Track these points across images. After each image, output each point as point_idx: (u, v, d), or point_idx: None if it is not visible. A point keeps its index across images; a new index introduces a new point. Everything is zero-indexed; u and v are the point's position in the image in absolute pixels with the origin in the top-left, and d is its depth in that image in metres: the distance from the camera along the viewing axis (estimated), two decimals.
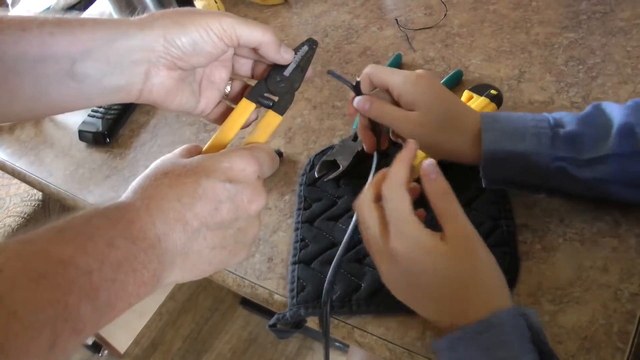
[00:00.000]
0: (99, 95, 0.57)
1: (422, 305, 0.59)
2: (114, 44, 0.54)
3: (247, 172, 0.53)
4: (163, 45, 0.56)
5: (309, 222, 0.80)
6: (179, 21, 0.56)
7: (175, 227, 0.48)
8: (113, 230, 0.44)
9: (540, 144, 0.63)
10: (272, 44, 0.60)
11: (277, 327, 0.72)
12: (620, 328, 0.60)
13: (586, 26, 0.94)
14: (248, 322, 2.12)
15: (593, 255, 0.66)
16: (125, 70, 0.56)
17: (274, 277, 0.77)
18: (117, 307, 0.44)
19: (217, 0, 1.30)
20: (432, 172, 0.58)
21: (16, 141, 1.25)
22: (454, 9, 1.09)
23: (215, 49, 0.58)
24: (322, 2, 1.26)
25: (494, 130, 0.65)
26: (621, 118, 0.62)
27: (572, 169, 0.63)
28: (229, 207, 0.51)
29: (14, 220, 1.59)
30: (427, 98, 0.68)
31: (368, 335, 0.68)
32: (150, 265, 0.46)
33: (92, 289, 0.41)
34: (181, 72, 0.60)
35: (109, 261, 0.43)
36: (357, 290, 0.70)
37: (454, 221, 0.56)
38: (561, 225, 0.69)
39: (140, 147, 1.09)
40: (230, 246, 0.53)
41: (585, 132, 0.63)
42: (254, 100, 0.63)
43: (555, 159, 0.63)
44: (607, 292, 0.62)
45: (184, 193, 0.49)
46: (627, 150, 0.61)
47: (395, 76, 0.70)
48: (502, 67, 0.93)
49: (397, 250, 0.56)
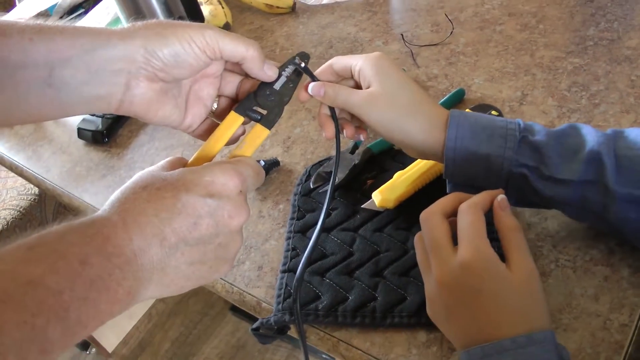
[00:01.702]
0: (77, 104, 0.56)
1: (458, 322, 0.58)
2: (94, 53, 0.54)
3: (229, 187, 0.52)
4: (144, 56, 0.55)
5: (301, 232, 0.80)
6: (160, 32, 0.56)
7: (152, 243, 0.47)
8: (87, 247, 0.44)
9: (506, 147, 0.62)
10: (255, 59, 0.60)
11: (260, 332, 0.72)
12: (607, 358, 0.59)
13: (592, 52, 0.94)
14: (237, 328, 2.11)
15: (584, 283, 0.65)
16: (105, 80, 0.55)
17: (262, 286, 0.77)
18: (89, 325, 0.43)
19: (225, 7, 1.30)
20: (507, 207, 0.59)
21: (15, 136, 1.25)
22: (461, 27, 1.09)
23: (197, 61, 0.58)
24: (329, 13, 1.26)
25: (461, 127, 0.63)
26: (593, 145, 0.61)
27: (534, 179, 0.62)
28: (209, 223, 0.50)
29: (9, 214, 1.59)
30: (387, 74, 0.65)
31: (353, 349, 0.67)
32: (125, 282, 0.45)
33: (63, 308, 0.40)
34: (163, 85, 0.59)
35: (81, 279, 0.42)
36: (344, 301, 0.70)
37: (522, 255, 0.56)
38: (554, 251, 0.69)
39: (138, 148, 1.09)
40: (210, 261, 0.53)
41: (552, 146, 0.62)
42: (242, 113, 0.62)
43: (519, 165, 0.62)
44: (596, 321, 0.62)
45: (162, 208, 0.48)
46: (590, 179, 0.60)
47: (356, 57, 0.67)
48: (504, 88, 0.93)
49: (466, 263, 0.55)
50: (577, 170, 0.60)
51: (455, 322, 0.57)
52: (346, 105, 0.66)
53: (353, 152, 0.86)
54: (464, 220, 0.57)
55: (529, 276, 0.55)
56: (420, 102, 0.65)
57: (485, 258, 0.55)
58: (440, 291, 0.57)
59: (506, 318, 0.54)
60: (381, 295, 0.69)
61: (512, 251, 0.56)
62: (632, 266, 0.65)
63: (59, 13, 1.57)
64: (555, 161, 0.61)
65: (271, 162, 0.91)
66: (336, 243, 0.77)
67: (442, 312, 0.59)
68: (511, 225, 0.58)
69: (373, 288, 0.70)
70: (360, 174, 0.85)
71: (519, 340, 0.52)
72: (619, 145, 0.61)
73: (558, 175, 0.61)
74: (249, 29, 1.31)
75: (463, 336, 0.57)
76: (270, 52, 1.20)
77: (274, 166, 0.92)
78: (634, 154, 0.59)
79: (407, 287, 0.69)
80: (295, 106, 1.03)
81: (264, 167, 0.90)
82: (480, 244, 0.55)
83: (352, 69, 0.67)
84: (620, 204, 0.59)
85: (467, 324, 0.56)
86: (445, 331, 0.60)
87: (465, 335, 0.56)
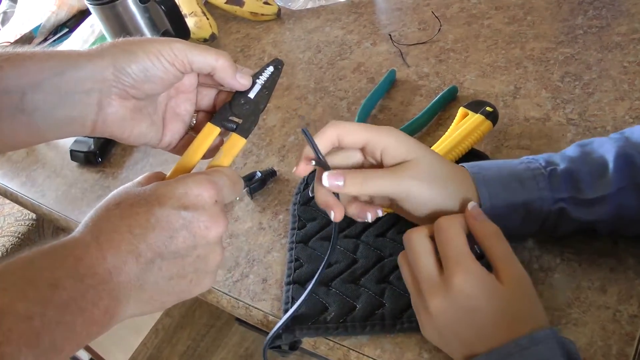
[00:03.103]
0: (51, 128, 0.56)
1: (457, 338, 0.56)
2: (64, 75, 0.53)
3: (204, 198, 0.52)
4: (113, 74, 0.55)
5: (303, 242, 0.79)
6: (128, 49, 0.56)
7: (127, 260, 0.47)
8: (57, 270, 0.43)
9: (539, 188, 0.61)
10: (227, 68, 0.59)
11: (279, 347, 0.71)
12: (618, 350, 0.59)
13: (582, 41, 0.94)
14: (244, 338, 2.11)
15: (591, 276, 0.65)
16: (77, 101, 0.55)
17: (268, 299, 0.76)
18: (65, 349, 0.42)
19: (210, 18, 1.30)
20: (479, 214, 0.57)
21: (8, 162, 1.24)
22: (448, 24, 1.08)
23: (167, 75, 0.57)
24: (314, 17, 1.26)
25: (489, 183, 0.61)
26: (617, 151, 0.60)
27: (572, 209, 0.60)
28: (185, 235, 0.50)
29: (8, 240, 1.59)
30: (417, 146, 0.60)
31: (364, 357, 0.67)
32: (101, 303, 0.45)
33: (34, 334, 0.40)
34: (136, 102, 0.58)
35: (53, 304, 0.41)
36: (352, 311, 0.69)
37: (508, 262, 0.55)
38: (558, 246, 0.68)
39: (133, 166, 1.08)
40: (190, 275, 0.52)
41: (581, 169, 0.61)
42: (218, 124, 0.61)
43: (556, 201, 0.61)
44: (605, 314, 0.62)
45: (136, 224, 0.48)
46: (624, 185, 0.59)
47: (368, 130, 0.59)
48: (496, 82, 0.92)
49: (455, 284, 0.53)
50: (610, 182, 0.59)
51: (455, 339, 0.56)
52: (382, 188, 0.59)
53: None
54: (443, 241, 0.56)
55: (519, 282, 0.55)
56: (450, 169, 0.61)
57: (475, 276, 0.54)
58: (436, 317, 0.56)
59: (505, 326, 0.53)
60: (389, 302, 0.69)
61: (497, 260, 0.55)
62: (637, 256, 0.65)
63: (44, 34, 1.57)
64: (587, 182, 0.60)
65: (268, 173, 0.91)
66: (339, 251, 0.76)
67: (439, 334, 0.58)
68: (490, 231, 0.56)
69: (380, 294, 0.70)
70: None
71: (521, 342, 0.52)
72: (634, 144, 0.61)
73: (594, 195, 0.60)
74: (236, 38, 1.30)
75: (464, 350, 0.56)
76: (258, 60, 1.20)
77: (271, 176, 0.91)
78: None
79: None
80: (288, 114, 1.02)
81: (261, 177, 0.90)
82: (466, 262, 0.54)
83: (368, 144, 0.60)
84: None
85: (467, 340, 0.55)
86: (443, 348, 0.59)
87: (465, 348, 0.56)
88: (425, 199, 0.59)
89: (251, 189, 0.89)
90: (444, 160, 0.61)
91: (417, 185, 0.58)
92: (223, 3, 1.34)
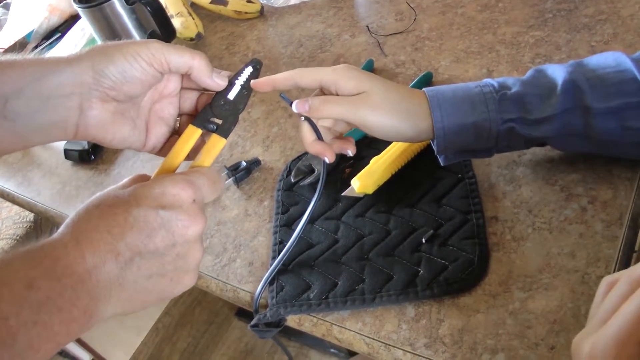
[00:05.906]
0: (33, 133, 0.57)
1: None
2: (44, 80, 0.54)
3: (181, 197, 0.53)
4: (92, 77, 0.56)
5: (287, 225, 0.83)
6: (106, 52, 0.57)
7: (106, 259, 0.47)
8: (33, 271, 0.44)
9: (489, 110, 0.66)
10: (203, 68, 0.61)
11: (258, 327, 0.74)
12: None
13: (552, 24, 0.97)
14: (244, 333, 2.13)
15: (561, 243, 0.68)
16: (58, 105, 0.56)
17: (254, 281, 0.79)
18: (42, 349, 0.43)
19: (195, 18, 1.32)
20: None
21: (4, 164, 1.27)
22: (424, 14, 1.11)
23: (146, 76, 0.58)
24: (296, 13, 1.29)
25: (442, 106, 0.66)
26: (565, 76, 0.65)
27: (521, 128, 0.66)
28: (164, 234, 0.51)
29: (6, 243, 1.60)
30: (368, 79, 0.66)
31: (346, 331, 0.70)
32: (80, 302, 0.45)
33: (9, 334, 0.40)
34: (117, 105, 0.60)
35: (28, 304, 0.42)
36: (334, 287, 0.72)
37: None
38: (530, 216, 0.71)
39: (124, 162, 1.11)
40: (170, 273, 0.53)
41: (529, 92, 0.66)
42: (199, 125, 0.63)
43: (505, 121, 0.66)
44: (574, 277, 0.64)
45: (114, 224, 0.48)
46: (570, 106, 0.65)
47: (322, 70, 0.66)
48: (470, 67, 0.95)
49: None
50: (557, 103, 0.65)
51: None
52: (338, 113, 0.65)
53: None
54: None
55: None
56: (406, 95, 0.67)
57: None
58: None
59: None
60: (368, 277, 0.72)
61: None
62: (604, 220, 0.68)
63: (37, 39, 1.60)
64: (535, 104, 0.66)
65: (252, 162, 0.94)
66: (321, 232, 0.79)
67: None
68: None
69: (360, 271, 0.73)
70: (338, 164, 0.87)
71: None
72: (585, 70, 0.66)
73: (541, 115, 0.65)
74: (221, 36, 1.33)
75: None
76: (243, 57, 1.23)
77: (256, 166, 0.94)
78: (601, 74, 0.65)
79: (392, 266, 0.72)
80: (272, 106, 1.05)
81: (246, 167, 0.93)
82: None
83: (322, 83, 0.66)
84: (600, 119, 0.64)
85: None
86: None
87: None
88: (381, 126, 0.66)
89: (237, 178, 0.92)
90: (399, 87, 0.68)
91: (370, 114, 0.65)
92: (208, 3, 1.36)
